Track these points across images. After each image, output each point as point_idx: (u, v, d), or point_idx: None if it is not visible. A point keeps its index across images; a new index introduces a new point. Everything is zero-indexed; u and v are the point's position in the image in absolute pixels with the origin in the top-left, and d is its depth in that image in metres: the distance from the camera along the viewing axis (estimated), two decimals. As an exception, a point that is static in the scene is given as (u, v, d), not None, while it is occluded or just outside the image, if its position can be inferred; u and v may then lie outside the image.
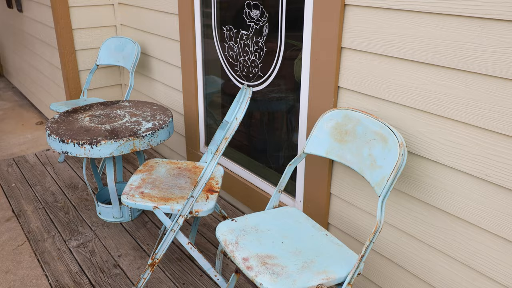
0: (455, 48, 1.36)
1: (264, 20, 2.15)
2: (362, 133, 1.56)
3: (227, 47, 2.44)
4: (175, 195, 1.90)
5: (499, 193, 1.35)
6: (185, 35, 2.67)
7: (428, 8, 1.39)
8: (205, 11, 2.53)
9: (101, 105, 2.57)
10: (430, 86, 1.46)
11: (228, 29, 2.39)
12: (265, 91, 2.28)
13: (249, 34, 2.26)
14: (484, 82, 1.31)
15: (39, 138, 3.90)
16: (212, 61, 2.61)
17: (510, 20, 1.21)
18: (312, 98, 1.90)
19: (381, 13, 1.55)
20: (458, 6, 1.32)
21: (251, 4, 2.20)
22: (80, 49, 3.35)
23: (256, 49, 2.25)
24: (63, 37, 3.24)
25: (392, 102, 1.60)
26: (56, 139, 2.08)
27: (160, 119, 2.34)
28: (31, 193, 2.86)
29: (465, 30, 1.32)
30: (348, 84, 1.74)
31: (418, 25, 1.44)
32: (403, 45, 1.50)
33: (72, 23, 3.25)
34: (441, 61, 1.40)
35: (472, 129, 1.38)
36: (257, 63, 2.27)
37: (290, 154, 2.26)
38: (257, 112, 2.42)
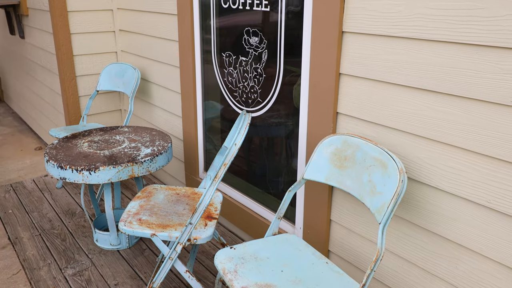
0: (453, 75, 1.36)
1: (263, 46, 2.17)
2: (362, 159, 1.56)
3: (226, 73, 2.46)
4: (173, 222, 1.87)
5: (501, 220, 1.34)
6: (185, 61, 2.69)
7: (424, 36, 1.41)
8: (205, 37, 2.56)
9: (100, 131, 2.57)
10: (428, 112, 1.46)
11: (227, 55, 2.42)
12: (264, 117, 2.29)
13: (248, 61, 2.28)
14: (483, 108, 1.31)
15: (38, 163, 3.89)
16: (211, 87, 2.62)
17: (506, 47, 1.22)
18: (311, 124, 1.90)
19: (379, 40, 1.56)
20: (454, 34, 1.33)
21: (250, 31, 2.22)
22: (81, 75, 3.38)
23: (255, 75, 2.26)
24: (64, 63, 3.27)
25: (391, 128, 1.60)
26: (55, 165, 2.07)
27: (159, 144, 2.34)
28: (27, 220, 2.83)
29: (462, 56, 1.33)
30: (347, 110, 1.75)
31: (415, 51, 1.45)
32: (401, 71, 1.51)
33: (73, 49, 3.29)
34: (439, 87, 1.41)
35: (472, 155, 1.37)
36: (256, 89, 2.28)
37: (289, 180, 2.24)
38: (257, 137, 2.42)
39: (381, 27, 1.54)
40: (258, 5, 2.13)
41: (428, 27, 1.40)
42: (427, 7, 1.39)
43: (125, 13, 3.28)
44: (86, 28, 3.30)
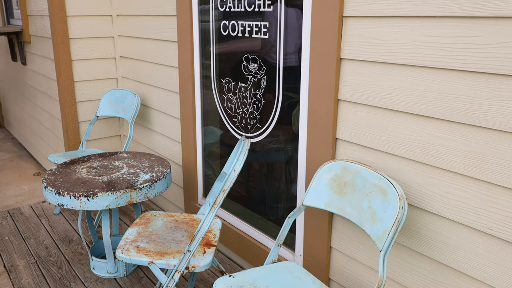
0: (451, 101, 1.37)
1: (262, 73, 2.19)
2: (361, 185, 1.55)
3: (225, 98, 2.47)
4: (172, 250, 1.85)
5: (503, 248, 1.32)
6: (185, 87, 2.71)
7: (421, 62, 1.42)
8: (205, 63, 2.59)
9: (99, 157, 2.56)
10: (427, 138, 1.46)
11: (227, 82, 2.44)
12: (264, 142, 2.29)
13: (248, 87, 2.30)
14: (482, 135, 1.31)
15: (36, 189, 3.87)
16: (211, 112, 2.63)
17: (502, 74, 1.23)
18: (311, 150, 1.90)
19: (376, 66, 1.58)
20: (451, 61, 1.34)
21: (249, 57, 2.25)
22: (81, 100, 3.40)
23: (254, 101, 2.28)
24: (64, 89, 3.29)
25: (390, 154, 1.59)
26: (52, 191, 2.05)
27: (158, 170, 2.33)
28: (24, 247, 2.79)
29: (460, 83, 1.34)
30: (346, 135, 1.75)
31: (413, 78, 1.46)
32: (399, 98, 1.52)
33: (74, 75, 3.32)
34: (438, 113, 1.41)
35: (472, 181, 1.36)
36: (255, 115, 2.29)
37: (289, 206, 2.22)
38: (256, 162, 2.41)
39: (378, 54, 1.56)
40: (257, 33, 2.16)
41: (425, 54, 1.41)
42: (423, 35, 1.41)
43: (126, 40, 3.33)
44: (87, 55, 3.34)
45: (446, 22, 1.34)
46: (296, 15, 1.92)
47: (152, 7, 2.92)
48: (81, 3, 3.22)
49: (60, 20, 3.16)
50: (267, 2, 2.06)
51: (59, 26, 3.17)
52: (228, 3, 2.30)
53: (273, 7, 2.04)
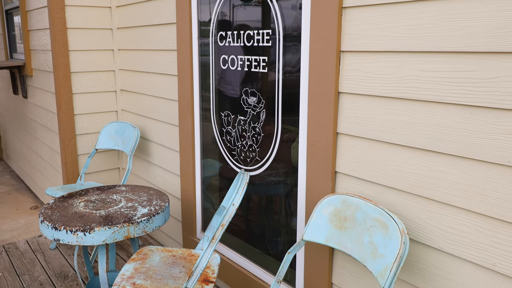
0: (450, 135, 1.37)
1: (261, 106, 2.21)
2: (362, 219, 1.53)
3: (225, 131, 2.48)
4: (169, 286, 1.80)
5: (508, 284, 1.29)
6: (184, 120, 2.73)
7: (419, 96, 1.43)
8: (204, 95, 2.61)
9: (97, 190, 2.55)
10: (427, 171, 1.45)
11: (226, 115, 2.45)
12: (263, 175, 2.28)
13: (247, 120, 2.31)
14: (482, 168, 1.31)
15: (33, 223, 3.82)
16: (210, 145, 2.64)
17: (499, 108, 1.24)
18: (310, 183, 1.89)
19: (374, 100, 1.59)
20: (448, 95, 1.35)
21: (248, 91, 2.27)
22: (81, 133, 3.41)
23: (253, 134, 2.28)
24: (64, 122, 3.31)
25: (390, 188, 1.58)
26: (49, 225, 2.03)
27: (156, 204, 2.31)
28: (18, 284, 2.73)
29: (458, 117, 1.34)
30: (346, 169, 1.74)
31: (411, 112, 1.47)
32: (398, 131, 1.52)
33: (75, 109, 3.34)
34: (437, 147, 1.41)
35: (473, 215, 1.35)
36: (254, 148, 2.29)
37: (289, 240, 2.19)
38: (255, 196, 2.39)
39: (376, 88, 1.57)
40: (256, 67, 2.19)
41: (422, 88, 1.42)
42: (420, 69, 1.42)
43: (127, 73, 3.37)
44: (88, 88, 3.37)
45: (442, 57, 1.36)
46: (295, 49, 1.96)
47: (153, 42, 2.98)
48: (83, 38, 3.28)
49: (62, 54, 3.21)
50: (265, 38, 2.10)
51: (61, 60, 3.22)
52: (228, 37, 2.34)
53: (271, 42, 2.07)
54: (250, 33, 2.19)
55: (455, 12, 1.31)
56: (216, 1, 2.39)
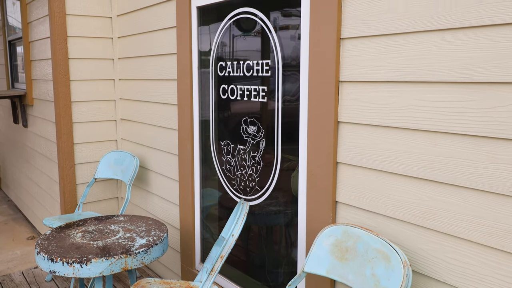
0: (451, 164, 1.36)
1: (260, 135, 2.21)
2: (363, 250, 1.50)
3: (224, 161, 2.47)
4: (166, 320, 1.76)
5: (515, 318, 1.25)
6: (184, 149, 2.72)
7: (419, 126, 1.44)
8: (204, 124, 2.62)
9: (95, 220, 2.52)
10: (428, 201, 1.44)
11: (226, 144, 2.45)
12: (263, 205, 2.26)
13: (246, 149, 2.31)
14: (483, 198, 1.29)
15: (29, 254, 3.76)
16: (209, 174, 2.62)
17: (499, 138, 1.24)
18: (310, 213, 1.87)
19: (374, 130, 1.59)
20: (448, 124, 1.35)
21: (248, 120, 2.28)
22: (80, 163, 3.40)
23: (253, 163, 2.27)
24: (64, 151, 3.30)
25: (392, 218, 1.56)
26: (45, 257, 1.99)
27: (154, 234, 2.27)
28: (12, 316, 2.66)
29: (458, 147, 1.34)
30: (346, 198, 1.72)
31: (412, 141, 1.47)
32: (399, 161, 1.51)
33: (74, 138, 3.34)
34: (438, 177, 1.40)
35: (476, 246, 1.32)
36: (254, 177, 2.28)
37: (289, 271, 2.15)
38: (255, 226, 2.36)
39: (375, 117, 1.58)
40: (256, 96, 2.20)
41: (421, 118, 1.43)
42: (419, 99, 1.43)
43: (127, 103, 3.39)
44: (89, 118, 3.39)
45: (441, 87, 1.37)
46: (294, 78, 1.97)
47: (153, 72, 3.01)
48: (84, 68, 3.32)
49: (63, 84, 3.24)
50: (265, 68, 2.12)
51: (62, 90, 3.24)
52: (228, 68, 2.37)
53: (271, 72, 2.09)
54: (250, 63, 2.22)
55: (452, 43, 1.33)
56: (217, 31, 2.43)
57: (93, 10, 3.32)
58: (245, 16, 2.24)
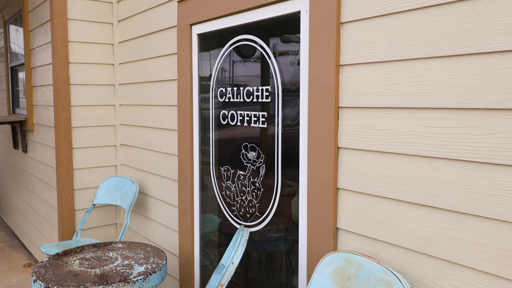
0: (452, 191, 1.36)
1: (260, 161, 2.21)
2: (366, 278, 1.48)
3: (224, 186, 2.46)
4: None
5: None
6: (184, 175, 2.71)
7: (420, 152, 1.44)
8: (204, 149, 2.62)
9: (93, 247, 2.48)
10: (430, 228, 1.42)
11: (225, 169, 2.44)
12: (263, 231, 2.24)
13: (246, 175, 2.30)
14: (486, 225, 1.28)
15: (25, 282, 3.70)
16: (209, 200, 2.61)
17: (499, 164, 1.24)
18: (311, 240, 1.85)
19: (375, 155, 1.59)
20: (449, 150, 1.35)
21: (248, 146, 2.28)
22: (79, 188, 3.38)
23: (253, 189, 2.26)
24: (63, 177, 3.29)
25: (394, 245, 1.55)
26: (42, 285, 1.95)
27: (153, 262, 2.24)
28: None
29: (459, 173, 1.34)
30: (347, 225, 1.71)
31: (412, 167, 1.47)
32: (400, 187, 1.51)
33: (74, 163, 3.34)
34: (439, 203, 1.39)
35: (480, 274, 1.30)
36: (254, 203, 2.26)
37: (290, 300, 2.11)
38: (255, 253, 2.33)
39: (376, 143, 1.58)
40: (256, 122, 2.21)
41: (422, 143, 1.43)
42: (419, 125, 1.44)
43: (127, 128, 3.40)
44: (89, 143, 3.39)
45: (441, 113, 1.38)
46: (294, 103, 1.98)
47: (154, 97, 3.03)
48: (85, 94, 3.34)
49: (64, 109, 3.26)
50: (265, 94, 2.14)
51: (63, 115, 3.26)
52: (228, 93, 2.39)
53: (271, 97, 2.11)
54: (250, 89, 2.23)
55: (450, 70, 1.35)
56: (217, 57, 2.46)
57: (95, 37, 3.37)
58: (245, 43, 2.27)
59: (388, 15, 1.51)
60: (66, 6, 3.22)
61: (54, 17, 3.18)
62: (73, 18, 3.26)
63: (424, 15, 1.41)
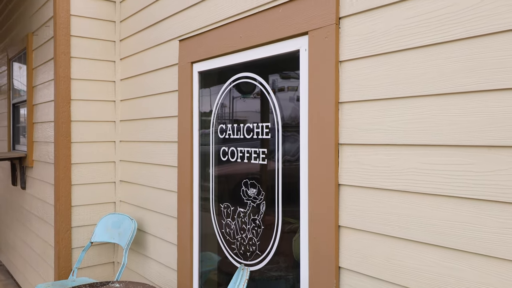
0: (456, 229, 1.34)
1: (261, 198, 2.19)
2: (370, 320, 1.43)
3: (224, 224, 2.43)
4: None
5: None
6: (183, 212, 2.69)
7: (422, 189, 1.43)
8: (204, 185, 2.60)
9: (89, 287, 2.42)
10: (434, 267, 1.39)
11: (225, 206, 2.42)
12: (264, 270, 2.19)
13: (247, 212, 2.28)
14: (490, 264, 1.26)
15: (18, 322, 3.59)
16: (208, 237, 2.57)
17: (504, 202, 1.23)
18: (313, 279, 1.81)
19: (376, 193, 1.58)
20: (451, 188, 1.35)
21: (248, 183, 2.27)
22: (77, 226, 3.33)
23: (253, 226, 2.23)
24: (61, 214, 3.26)
25: (396, 285, 1.51)
26: (35, 328, 1.89)
27: (151, 302, 2.18)
28: None
29: (462, 210, 1.32)
30: (349, 264, 1.67)
31: (414, 205, 1.45)
32: (402, 225, 1.49)
33: (73, 200, 3.31)
34: (442, 241, 1.37)
35: (489, 316, 1.27)
36: (254, 241, 2.23)
37: None
38: (255, 292, 2.28)
39: (376, 180, 1.57)
40: (256, 158, 2.21)
41: (423, 181, 1.42)
42: (419, 162, 1.43)
43: (127, 164, 3.40)
44: (88, 180, 3.37)
45: (441, 150, 1.38)
46: (293, 139, 1.99)
47: (155, 134, 3.04)
48: (86, 130, 3.36)
49: (65, 146, 3.26)
50: (265, 130, 2.15)
51: (63, 151, 3.26)
52: (228, 130, 2.40)
53: (271, 133, 2.12)
54: (250, 125, 2.25)
55: (451, 107, 1.36)
56: (217, 94, 2.49)
57: (98, 75, 3.42)
58: (244, 80, 2.30)
59: (387, 54, 1.54)
60: (70, 44, 3.28)
61: (57, 55, 3.24)
62: (76, 56, 3.32)
63: (422, 54, 1.43)
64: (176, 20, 2.79)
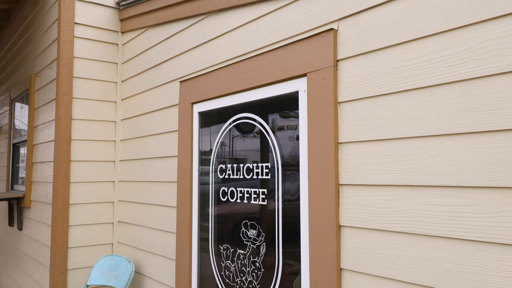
0: (457, 271, 1.31)
1: (261, 239, 2.15)
2: None
3: (223, 266, 2.38)
4: None
5: None
6: (182, 254, 2.64)
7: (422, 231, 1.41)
8: (203, 227, 2.56)
9: (84, 333, 2.34)
10: (440, 312, 1.35)
11: (225, 248, 2.38)
12: (263, 315, 2.12)
13: (246, 254, 2.23)
14: (498, 309, 1.22)
15: None
16: (207, 280, 2.51)
17: (507, 244, 1.21)
18: (315, 325, 1.75)
19: (377, 234, 1.55)
20: (452, 229, 1.33)
21: (248, 224, 2.24)
22: (73, 268, 3.26)
23: (253, 269, 2.19)
24: (57, 255, 3.20)
25: (402, 331, 1.46)
26: None
27: None
28: None
29: (464, 252, 1.30)
30: (352, 308, 1.63)
31: (415, 247, 1.43)
32: (403, 268, 1.46)
33: (69, 241, 3.26)
34: (446, 285, 1.34)
35: None
36: (254, 284, 2.17)
37: None
38: (255, 338, 2.20)
39: (377, 221, 1.55)
40: (256, 199, 2.19)
41: (424, 222, 1.40)
42: (419, 203, 1.42)
43: (125, 205, 3.37)
44: (86, 221, 3.33)
45: (440, 191, 1.37)
46: (293, 178, 1.98)
47: (154, 174, 3.03)
48: (86, 170, 3.35)
49: (63, 186, 3.25)
50: (265, 171, 2.15)
51: (61, 192, 3.24)
52: (227, 170, 2.39)
53: (270, 173, 2.11)
54: (250, 166, 2.24)
55: (448, 148, 1.36)
56: (217, 134, 2.50)
57: (99, 115, 3.45)
58: (244, 120, 2.32)
59: (385, 95, 1.56)
60: (72, 86, 3.33)
61: (59, 96, 3.28)
62: (78, 97, 3.36)
63: (420, 95, 1.45)
64: (177, 62, 2.85)
